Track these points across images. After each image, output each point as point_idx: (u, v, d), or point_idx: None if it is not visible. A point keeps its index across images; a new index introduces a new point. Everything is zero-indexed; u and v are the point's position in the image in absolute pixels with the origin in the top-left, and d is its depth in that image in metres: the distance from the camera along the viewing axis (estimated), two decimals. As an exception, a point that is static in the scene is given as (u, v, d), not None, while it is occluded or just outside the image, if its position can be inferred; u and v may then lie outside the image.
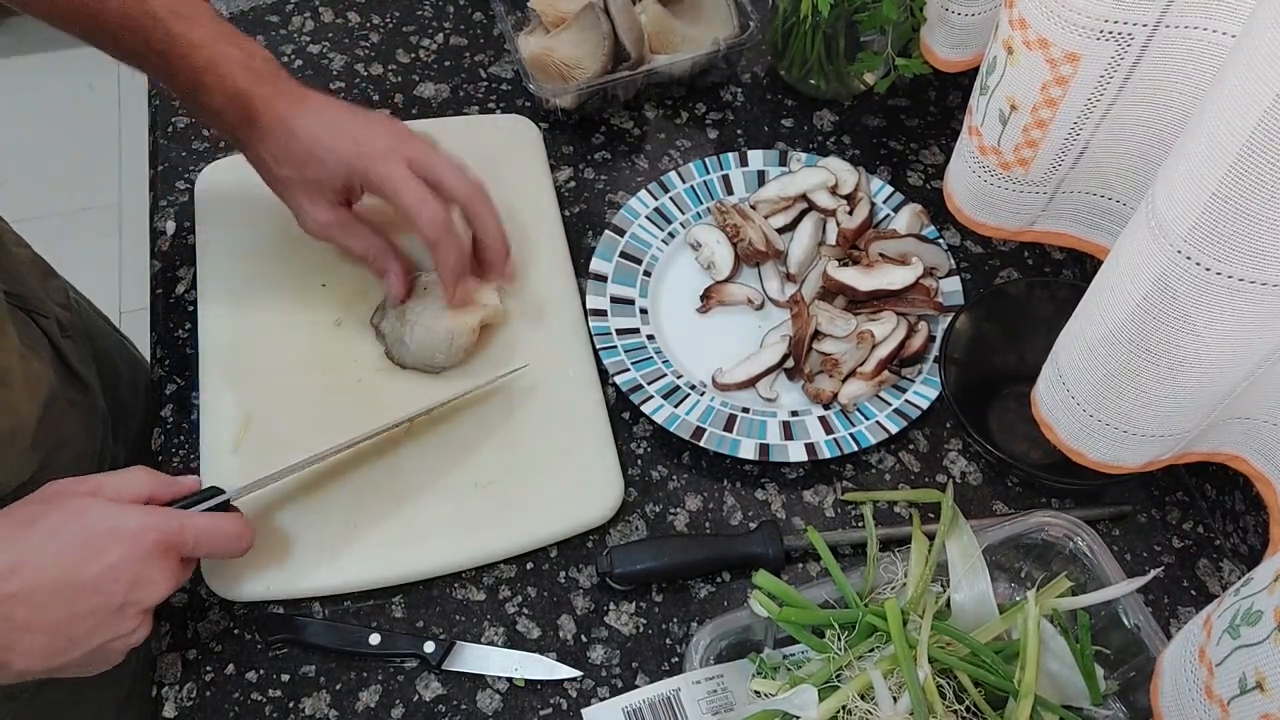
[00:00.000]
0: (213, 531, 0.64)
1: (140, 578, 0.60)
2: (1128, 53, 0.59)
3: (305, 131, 0.73)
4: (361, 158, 0.73)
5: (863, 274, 0.83)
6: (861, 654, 0.64)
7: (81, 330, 0.89)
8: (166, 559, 0.61)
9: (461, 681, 0.72)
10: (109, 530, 0.59)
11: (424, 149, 0.76)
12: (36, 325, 0.80)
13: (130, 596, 0.59)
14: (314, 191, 0.76)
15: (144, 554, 0.60)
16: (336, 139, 0.73)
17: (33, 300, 0.80)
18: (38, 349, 0.78)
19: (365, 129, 0.75)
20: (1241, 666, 0.51)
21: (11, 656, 0.57)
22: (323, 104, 0.75)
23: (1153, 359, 0.58)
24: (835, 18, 0.88)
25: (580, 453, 0.79)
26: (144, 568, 0.60)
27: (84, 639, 0.59)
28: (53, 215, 2.06)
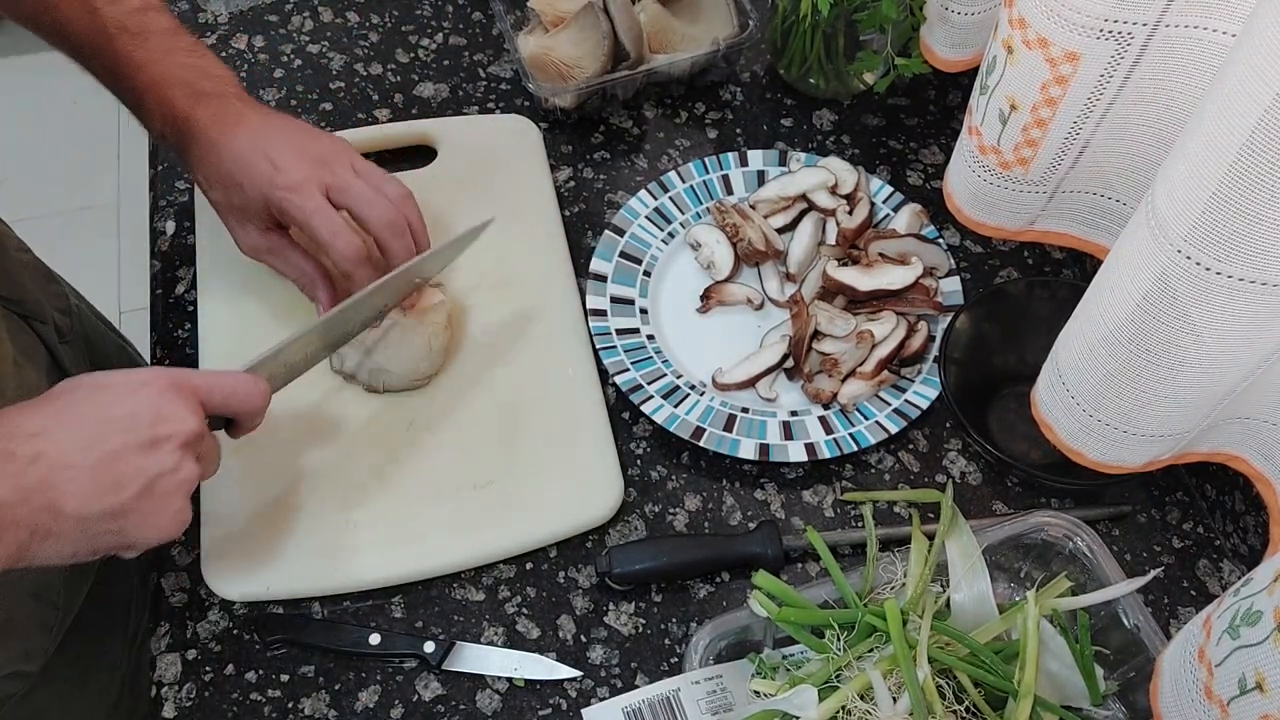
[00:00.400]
0: (223, 379, 0.65)
1: (162, 412, 0.60)
2: (1127, 52, 0.59)
3: (229, 156, 0.73)
4: (275, 188, 0.73)
5: (862, 274, 0.83)
6: (861, 654, 0.64)
7: (80, 336, 0.89)
8: (182, 396, 0.61)
9: (461, 681, 0.72)
10: (120, 382, 0.61)
11: (343, 176, 0.75)
12: (34, 331, 0.80)
13: (158, 430, 0.59)
14: (241, 215, 0.76)
15: (160, 391, 0.60)
16: (255, 165, 0.73)
17: (31, 306, 0.80)
18: (33, 356, 0.78)
19: (286, 155, 0.73)
20: (1241, 667, 0.51)
21: (58, 496, 0.56)
22: (258, 127, 0.74)
23: (1153, 359, 0.58)
24: (835, 17, 0.88)
25: (580, 453, 0.79)
26: (163, 403, 0.60)
27: (129, 474, 0.58)
28: (52, 215, 2.06)
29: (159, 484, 0.59)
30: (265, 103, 0.98)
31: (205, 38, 1.03)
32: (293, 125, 0.77)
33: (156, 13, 0.76)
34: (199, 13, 1.05)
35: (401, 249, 0.76)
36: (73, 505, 0.57)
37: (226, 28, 1.04)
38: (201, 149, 0.74)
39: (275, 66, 1.01)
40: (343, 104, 0.99)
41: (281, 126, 0.76)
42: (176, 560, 0.76)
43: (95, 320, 0.99)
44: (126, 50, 0.73)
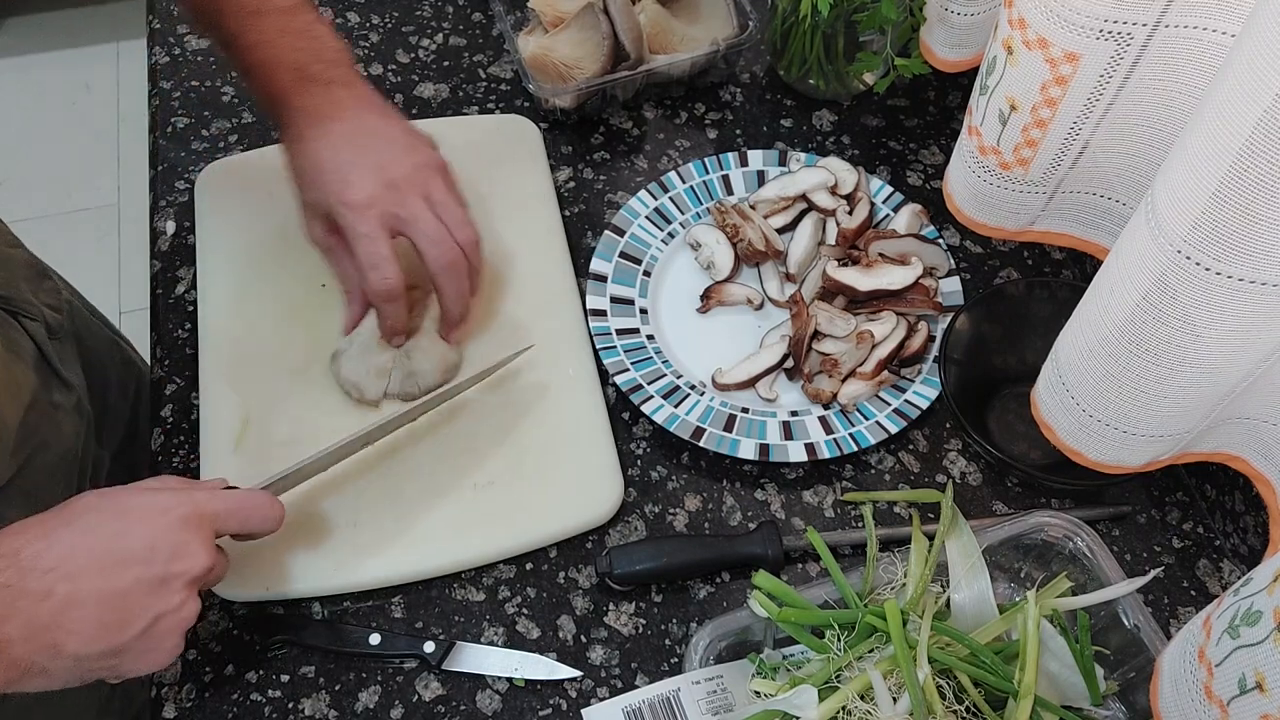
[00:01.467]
0: (242, 504, 0.65)
1: (177, 548, 0.60)
2: (1127, 52, 0.59)
3: (309, 157, 0.74)
4: (338, 202, 0.73)
5: (862, 274, 0.83)
6: (861, 654, 0.64)
7: (71, 333, 0.89)
8: (200, 530, 0.61)
9: (461, 682, 0.72)
10: (141, 506, 0.60)
11: (412, 208, 0.74)
12: (22, 327, 0.80)
13: (171, 568, 0.59)
14: (311, 210, 0.77)
15: (178, 525, 0.60)
16: (328, 175, 0.73)
17: (19, 302, 0.80)
18: (20, 352, 0.78)
19: (361, 171, 0.73)
20: (1241, 667, 0.51)
21: (62, 636, 0.56)
22: (348, 131, 0.74)
23: (1153, 359, 0.58)
24: (834, 18, 0.88)
25: (580, 453, 0.79)
26: (179, 538, 0.60)
27: (134, 614, 0.58)
28: (51, 215, 2.06)
29: (161, 623, 0.59)
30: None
31: (205, 38, 1.03)
32: (385, 132, 0.76)
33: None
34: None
35: (454, 291, 0.77)
36: (73, 646, 0.56)
37: (226, 28, 1.04)
38: (290, 140, 0.76)
39: (275, 67, 1.01)
40: (343, 104, 0.99)
41: (373, 132, 0.75)
42: (176, 560, 0.76)
43: (89, 317, 0.99)
44: (240, 29, 0.75)
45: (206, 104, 0.98)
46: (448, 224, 0.75)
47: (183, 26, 1.04)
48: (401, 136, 0.77)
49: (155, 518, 0.60)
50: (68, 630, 0.56)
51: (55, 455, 0.80)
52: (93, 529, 0.58)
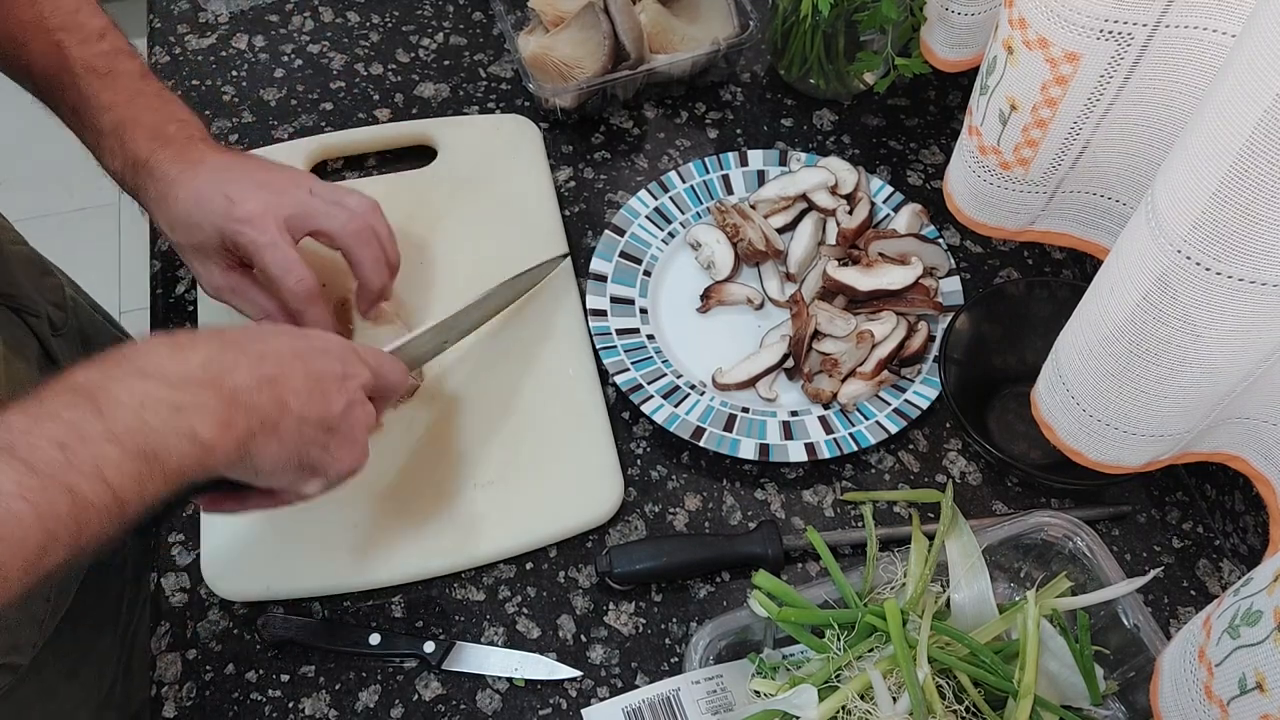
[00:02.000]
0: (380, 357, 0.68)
1: (348, 356, 0.64)
2: (1128, 52, 0.59)
3: (186, 195, 0.72)
4: (231, 220, 0.71)
5: (862, 274, 0.83)
6: (861, 654, 0.64)
7: (74, 329, 0.89)
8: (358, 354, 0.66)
9: (461, 681, 0.72)
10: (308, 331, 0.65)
11: (299, 199, 0.74)
12: (25, 324, 0.79)
13: (348, 368, 0.63)
14: (201, 255, 0.74)
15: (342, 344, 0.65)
16: (211, 201, 0.72)
17: (23, 299, 0.80)
18: (23, 349, 0.78)
19: (243, 188, 0.72)
20: (1241, 667, 0.51)
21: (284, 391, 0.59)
22: (218, 165, 0.73)
23: (1153, 359, 0.58)
24: (835, 17, 0.88)
25: (580, 453, 0.79)
26: (347, 351, 0.65)
27: (333, 394, 0.61)
28: (52, 215, 2.06)
29: (353, 411, 0.63)
30: (265, 103, 0.99)
31: (206, 37, 1.03)
32: (253, 162, 0.75)
33: (126, 56, 0.75)
34: (200, 13, 1.05)
35: (369, 257, 0.75)
36: (296, 403, 0.59)
37: (227, 28, 1.04)
38: (160, 189, 0.72)
39: (276, 66, 1.01)
40: (343, 104, 0.99)
41: (242, 164, 0.74)
42: (176, 560, 0.76)
43: (93, 314, 0.99)
44: (93, 90, 0.72)
45: (206, 104, 0.98)
46: (334, 201, 0.75)
47: (183, 26, 1.04)
48: (269, 162, 0.76)
49: (323, 337, 0.65)
50: (287, 387, 0.59)
51: None
52: (276, 332, 0.63)
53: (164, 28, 1.04)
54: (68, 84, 0.73)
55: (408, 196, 0.91)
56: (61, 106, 0.74)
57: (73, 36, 0.72)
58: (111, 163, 0.73)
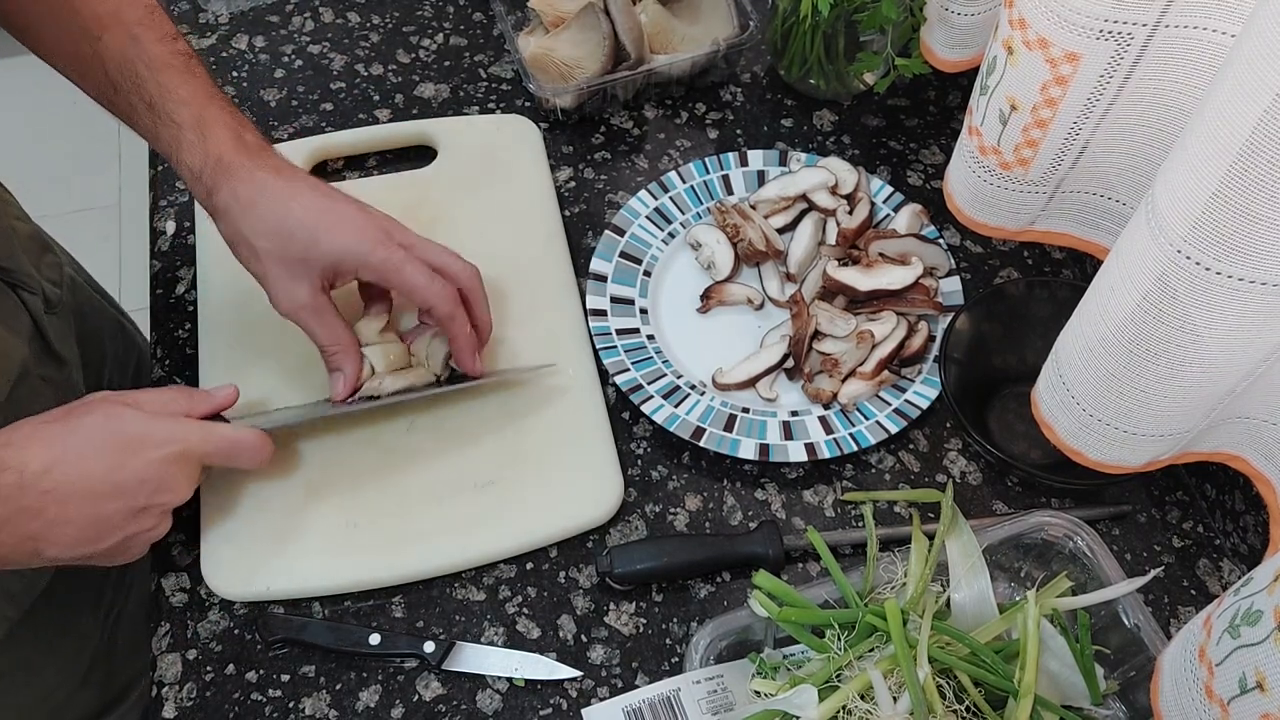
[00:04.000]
0: (233, 443, 0.70)
1: (163, 483, 0.65)
2: (1127, 52, 0.59)
3: (298, 207, 0.70)
4: (363, 242, 0.71)
5: (863, 274, 0.83)
6: (861, 654, 0.64)
7: (71, 308, 0.89)
8: (188, 465, 0.67)
9: (461, 681, 0.72)
10: (139, 438, 0.65)
11: (415, 236, 0.75)
12: (19, 299, 0.80)
13: (153, 500, 0.65)
14: (296, 269, 0.71)
15: (169, 461, 0.65)
16: (334, 220, 0.71)
17: (21, 274, 0.80)
18: (14, 324, 0.78)
19: (350, 209, 0.73)
20: (1241, 666, 0.51)
21: (44, 545, 0.62)
22: (313, 184, 0.73)
23: (1152, 359, 0.58)
24: (835, 17, 0.88)
25: (580, 453, 0.79)
26: (167, 474, 0.65)
27: (109, 534, 0.64)
28: (51, 215, 2.05)
29: (132, 539, 0.66)
30: (265, 103, 0.99)
31: (206, 38, 1.03)
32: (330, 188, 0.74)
33: (197, 62, 0.75)
34: (200, 13, 1.05)
35: (484, 306, 0.78)
36: (51, 553, 0.63)
37: (227, 28, 1.04)
38: (250, 193, 0.70)
39: (276, 67, 1.01)
40: (343, 104, 0.99)
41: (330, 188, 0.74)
42: (176, 560, 0.76)
43: (92, 293, 0.99)
44: (173, 85, 0.72)
45: (207, 104, 0.98)
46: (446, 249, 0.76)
47: (183, 26, 1.04)
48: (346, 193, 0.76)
49: (150, 451, 0.65)
50: (49, 541, 0.62)
51: None
52: (91, 453, 0.63)
53: (164, 28, 1.04)
54: (145, 77, 0.72)
55: (408, 196, 0.91)
56: (134, 99, 0.72)
57: (150, 33, 0.73)
58: (190, 158, 0.71)
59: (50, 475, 0.61)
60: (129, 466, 0.64)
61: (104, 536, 0.64)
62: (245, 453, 0.70)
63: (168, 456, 0.65)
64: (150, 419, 0.66)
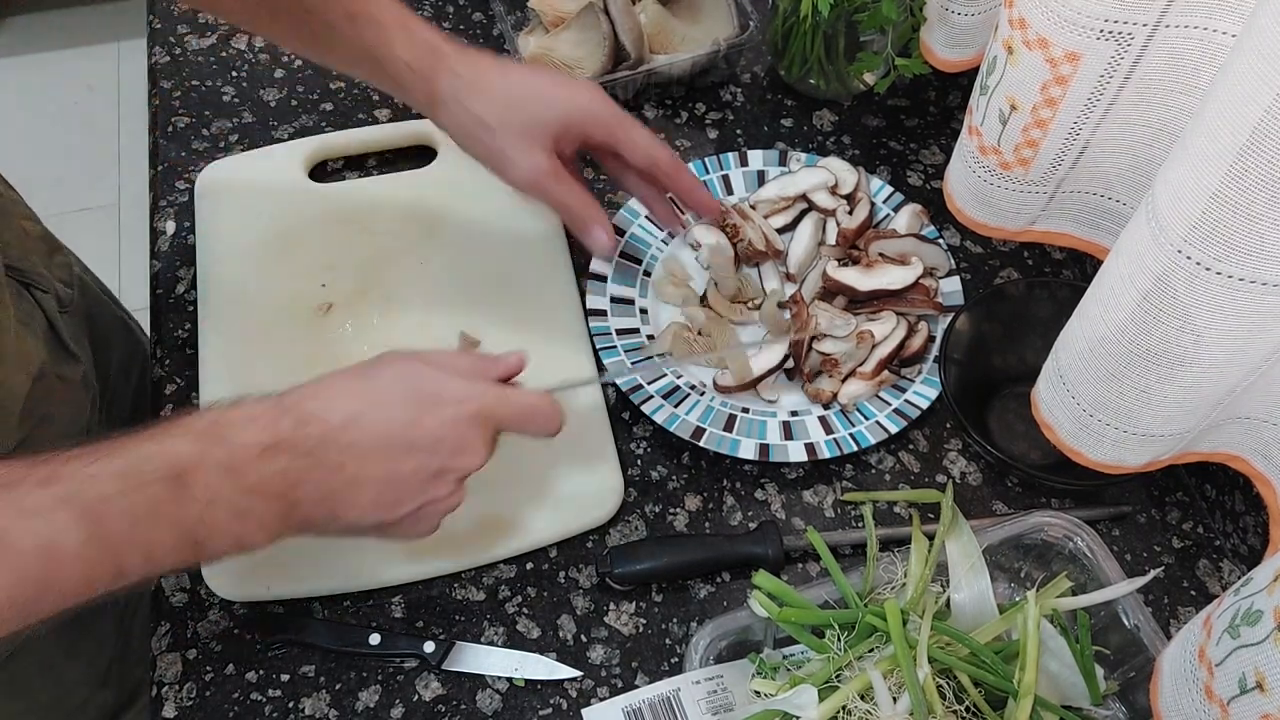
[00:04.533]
0: (530, 409, 0.66)
1: (461, 443, 0.62)
2: (1128, 52, 0.59)
3: (518, 79, 0.74)
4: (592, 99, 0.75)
5: (862, 274, 0.83)
6: (861, 654, 0.64)
7: (80, 308, 0.90)
8: (486, 429, 0.64)
9: (461, 681, 0.72)
10: (435, 394, 0.62)
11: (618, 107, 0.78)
12: (34, 299, 0.80)
13: (450, 462, 0.62)
14: (528, 138, 0.74)
15: (466, 420, 0.62)
16: (555, 84, 0.75)
17: (33, 274, 0.81)
18: (31, 324, 0.78)
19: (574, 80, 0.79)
20: (1241, 666, 0.51)
21: (341, 506, 0.60)
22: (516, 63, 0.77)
23: (1153, 359, 0.58)
24: (835, 17, 0.88)
25: (580, 453, 0.78)
26: (466, 433, 0.62)
27: (406, 498, 0.62)
28: (51, 215, 2.05)
29: (428, 507, 0.63)
30: (265, 103, 0.99)
31: (205, 38, 1.03)
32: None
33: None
34: (199, 13, 1.05)
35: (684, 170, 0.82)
36: (350, 516, 0.61)
37: (227, 28, 1.04)
38: (473, 74, 0.73)
39: (275, 66, 1.01)
40: (343, 104, 0.99)
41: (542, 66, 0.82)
42: (177, 560, 0.76)
43: (99, 294, 0.99)
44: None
45: (206, 104, 0.98)
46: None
47: (183, 26, 1.04)
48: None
49: (448, 409, 0.62)
50: (349, 502, 0.60)
51: (59, 429, 0.80)
52: (390, 411, 0.61)
53: (164, 28, 1.04)
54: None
55: (408, 196, 0.91)
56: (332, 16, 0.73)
57: None
58: (403, 51, 0.73)
59: (351, 429, 0.59)
60: (426, 424, 0.61)
61: (401, 501, 0.61)
62: (540, 419, 0.67)
63: (465, 415, 0.62)
64: (447, 377, 0.63)
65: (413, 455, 0.61)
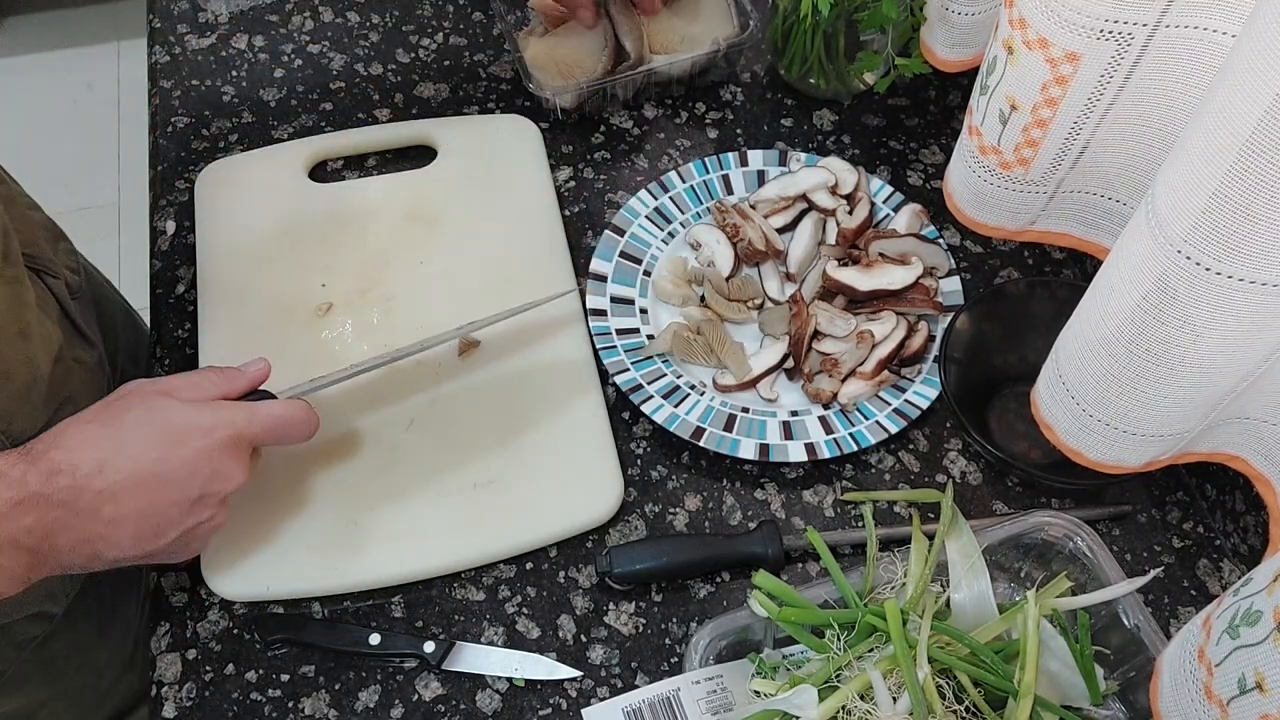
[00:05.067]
0: (279, 419, 0.68)
1: (215, 471, 0.64)
2: (1128, 52, 0.59)
3: None
4: None
5: (862, 274, 0.83)
6: (861, 654, 0.64)
7: (87, 294, 0.90)
8: (239, 451, 0.66)
9: (461, 681, 0.72)
10: (185, 427, 0.64)
11: None
12: (46, 285, 0.80)
13: (208, 488, 0.64)
14: None
15: (218, 448, 0.64)
16: None
17: (43, 261, 0.81)
18: (46, 308, 0.79)
19: None
20: (1241, 667, 0.51)
21: (102, 547, 0.61)
22: None
23: (1152, 359, 0.58)
24: (835, 17, 0.88)
25: (580, 453, 0.79)
26: (219, 461, 0.64)
27: (168, 527, 0.63)
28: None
29: (192, 532, 0.65)
30: (265, 102, 0.99)
31: (205, 37, 1.03)
32: None
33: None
34: (200, 13, 1.05)
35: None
36: (111, 554, 0.62)
37: (226, 28, 1.04)
38: None
39: (275, 66, 1.01)
40: (343, 104, 0.99)
41: None
42: (177, 560, 0.76)
43: (103, 282, 0.99)
44: None
45: (206, 104, 0.98)
46: None
47: (183, 26, 1.04)
48: None
49: (196, 439, 0.64)
50: (109, 542, 0.62)
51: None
52: (139, 451, 0.62)
53: (164, 28, 1.04)
54: None
55: (408, 196, 0.91)
56: None
57: None
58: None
59: (102, 474, 0.60)
60: (177, 457, 0.63)
61: (162, 532, 0.63)
62: (294, 428, 0.69)
63: (215, 444, 0.64)
64: (192, 407, 0.65)
65: (168, 489, 0.62)
